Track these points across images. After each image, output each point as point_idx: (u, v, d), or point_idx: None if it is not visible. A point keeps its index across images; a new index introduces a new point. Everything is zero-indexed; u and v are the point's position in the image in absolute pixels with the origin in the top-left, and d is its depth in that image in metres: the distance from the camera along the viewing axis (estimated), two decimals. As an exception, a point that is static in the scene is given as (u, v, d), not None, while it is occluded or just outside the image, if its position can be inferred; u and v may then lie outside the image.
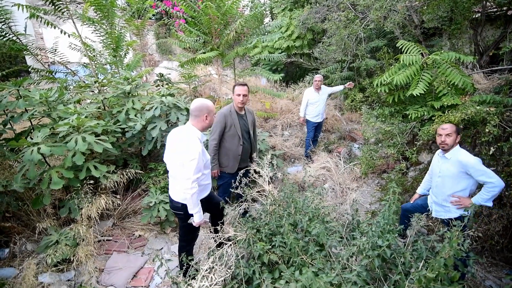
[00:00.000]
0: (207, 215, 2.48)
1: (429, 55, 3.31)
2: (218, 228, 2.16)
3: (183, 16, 4.35)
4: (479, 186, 2.25)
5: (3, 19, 3.46)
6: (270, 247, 2.09)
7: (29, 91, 2.82)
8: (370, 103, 4.42)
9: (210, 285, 1.30)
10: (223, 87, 6.44)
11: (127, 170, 2.93)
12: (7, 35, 3.56)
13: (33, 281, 2.13)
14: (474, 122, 2.99)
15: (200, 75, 5.93)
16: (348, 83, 4.73)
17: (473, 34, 4.33)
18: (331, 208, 2.47)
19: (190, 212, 2.00)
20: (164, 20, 6.61)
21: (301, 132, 5.43)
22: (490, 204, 2.14)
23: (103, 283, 2.39)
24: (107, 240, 2.82)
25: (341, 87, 4.79)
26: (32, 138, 2.39)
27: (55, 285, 2.24)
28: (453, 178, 2.23)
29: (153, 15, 8.60)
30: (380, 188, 3.82)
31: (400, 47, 3.49)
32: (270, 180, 2.50)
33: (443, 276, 1.62)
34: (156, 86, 4.32)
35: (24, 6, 3.55)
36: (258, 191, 2.52)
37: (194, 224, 2.04)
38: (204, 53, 4.60)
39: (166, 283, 2.43)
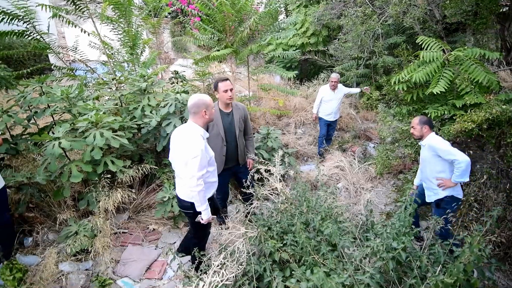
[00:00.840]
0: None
1: (451, 51, 3.16)
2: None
3: (198, 13, 4.39)
4: None
5: (28, 19, 3.62)
6: (281, 245, 2.08)
7: (52, 88, 2.94)
8: (387, 102, 4.29)
9: (222, 281, 1.32)
10: (236, 85, 6.46)
11: (142, 165, 3.00)
12: (32, 34, 3.72)
13: (54, 269, 2.23)
14: (499, 122, 2.84)
15: (214, 73, 5.96)
16: (365, 87, 4.62)
17: (499, 29, 4.10)
18: (344, 208, 2.42)
19: (197, 209, 2.01)
20: (179, 18, 6.68)
21: (314, 130, 5.36)
22: (465, 179, 2.34)
23: (118, 274, 2.47)
24: (122, 232, 2.91)
25: (357, 90, 4.71)
26: (53, 133, 2.50)
27: (74, 273, 2.33)
28: (429, 162, 2.48)
29: (169, 13, 8.72)
30: (396, 189, 3.72)
31: (420, 44, 3.36)
32: (282, 178, 2.48)
33: (462, 282, 1.56)
34: (171, 84, 4.39)
35: (48, 6, 3.70)
36: (270, 189, 2.52)
37: (202, 222, 2.05)
38: (218, 50, 4.62)
39: (178, 276, 2.48)
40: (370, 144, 5.02)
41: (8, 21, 3.46)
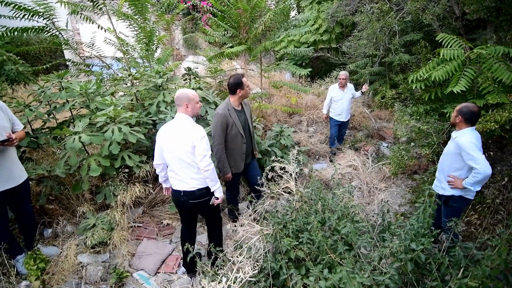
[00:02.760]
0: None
1: (472, 49, 3.06)
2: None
3: (212, 10, 4.38)
4: None
5: (48, 16, 3.69)
6: (297, 243, 2.08)
7: (71, 83, 3.00)
8: (402, 100, 4.20)
9: (245, 277, 1.32)
10: (248, 82, 6.44)
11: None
12: (51, 30, 3.80)
13: (73, 260, 2.29)
14: (523, 123, 2.74)
15: (226, 70, 5.96)
16: (364, 86, 4.50)
17: (524, 26, 3.93)
18: (360, 208, 2.39)
19: (213, 189, 2.10)
20: (193, 14, 6.70)
21: (326, 128, 5.30)
22: (477, 188, 2.24)
23: (134, 267, 2.51)
24: (137, 226, 2.96)
25: (359, 94, 4.52)
26: (73, 127, 2.55)
27: (92, 265, 2.39)
28: (450, 157, 2.35)
29: (181, 10, 8.76)
30: (410, 189, 3.65)
31: (439, 41, 3.27)
32: (295, 177, 2.47)
33: (487, 286, 1.52)
34: (184, 80, 4.41)
35: (66, 3, 3.77)
36: (284, 187, 2.51)
37: (217, 202, 2.12)
38: (231, 47, 4.61)
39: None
40: (383, 143, 4.94)
41: (29, 17, 3.54)
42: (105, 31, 4.06)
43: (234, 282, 1.23)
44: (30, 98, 3.19)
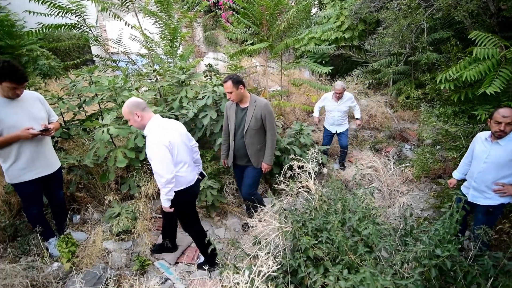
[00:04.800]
0: None
1: (508, 47, 2.88)
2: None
3: (234, 6, 4.40)
4: None
5: (79, 13, 3.87)
6: (316, 242, 2.07)
7: (100, 78, 3.14)
8: (429, 101, 4.03)
9: (268, 272, 1.34)
10: (266, 79, 6.44)
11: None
12: (82, 27, 3.98)
13: (100, 246, 2.41)
14: None
15: (245, 67, 5.99)
16: (357, 121, 4.20)
17: None
18: (382, 210, 2.34)
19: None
20: (215, 11, 6.76)
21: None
22: None
23: (155, 256, 2.61)
24: (159, 217, 3.06)
25: (359, 114, 4.16)
26: (102, 120, 2.67)
27: (117, 251, 2.51)
28: (501, 165, 2.17)
29: (204, 7, 8.87)
30: (435, 194, 3.51)
31: (471, 39, 3.10)
32: (315, 176, 2.45)
33: (519, 298, 1.45)
34: (205, 77, 4.48)
35: (97, 1, 3.94)
36: (303, 186, 2.50)
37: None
38: (252, 44, 4.62)
39: (210, 263, 2.56)
40: (406, 145, 4.77)
41: (63, 14, 3.73)
42: (131, 28, 4.20)
43: (257, 276, 1.25)
44: (61, 92, 3.37)
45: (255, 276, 1.26)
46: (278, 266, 1.60)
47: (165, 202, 2.07)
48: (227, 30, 4.61)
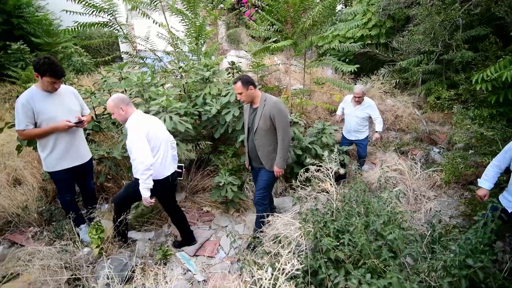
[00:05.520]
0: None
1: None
2: None
3: (259, 3, 4.39)
4: None
5: (111, 12, 4.04)
6: (337, 244, 2.03)
7: (129, 74, 3.27)
8: (462, 102, 3.79)
9: (291, 270, 1.33)
10: (288, 77, 6.37)
11: (200, 150, 3.19)
12: (113, 25, 4.16)
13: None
14: None
15: (267, 65, 5.97)
16: (375, 135, 3.79)
17: None
18: (408, 215, 2.25)
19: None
20: (240, 9, 6.79)
21: (370, 129, 5.04)
22: None
23: (177, 248, 2.69)
24: (180, 210, 3.15)
25: (380, 126, 3.75)
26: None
27: (141, 241, 2.62)
28: None
29: (229, 4, 8.95)
30: (465, 201, 3.31)
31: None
32: (333, 177, 2.39)
33: None
34: (228, 74, 4.52)
35: (127, 0, 4.09)
36: (324, 187, 2.46)
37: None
38: (275, 41, 4.59)
39: (229, 258, 2.60)
40: (434, 148, 4.54)
41: (97, 13, 3.92)
42: (159, 25, 4.33)
43: (282, 274, 1.25)
44: (93, 86, 3.55)
45: (278, 273, 1.26)
46: (302, 266, 1.58)
47: (145, 192, 2.13)
48: (251, 28, 4.61)
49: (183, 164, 2.62)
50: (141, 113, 2.25)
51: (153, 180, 2.17)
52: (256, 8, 4.76)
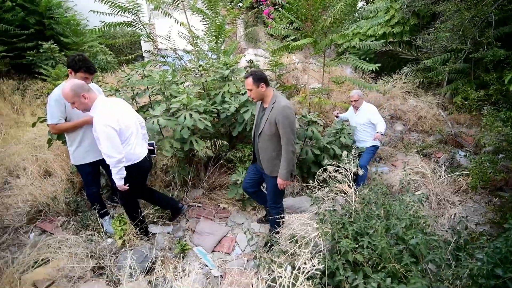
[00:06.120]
0: None
1: None
2: None
3: (279, 1, 4.36)
4: None
5: (135, 12, 4.18)
6: (356, 246, 1.99)
7: (152, 72, 3.36)
8: (493, 103, 3.58)
9: (311, 270, 1.33)
10: (306, 76, 6.30)
11: (217, 147, 3.23)
12: (137, 25, 4.30)
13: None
14: None
15: (285, 63, 5.93)
16: (377, 134, 3.45)
17: None
18: (432, 220, 2.16)
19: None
20: (257, 7, 6.79)
21: (390, 130, 4.89)
22: None
23: (194, 242, 2.75)
24: (197, 206, 3.21)
25: (383, 127, 3.47)
26: (152, 111, 2.87)
27: (160, 235, 2.70)
28: None
29: (249, 3, 8.98)
30: (494, 208, 3.14)
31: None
32: (351, 178, 2.34)
33: None
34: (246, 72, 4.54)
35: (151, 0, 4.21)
36: (342, 188, 2.42)
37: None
38: (294, 39, 4.55)
39: (246, 254, 2.62)
40: (460, 151, 4.33)
41: (122, 13, 4.06)
42: (180, 24, 4.42)
43: (301, 273, 1.25)
44: (117, 84, 3.69)
45: (298, 272, 1.26)
46: (322, 266, 1.57)
47: (118, 181, 2.14)
48: (269, 26, 4.60)
49: (153, 141, 2.63)
50: (105, 99, 2.13)
51: (130, 165, 2.18)
52: (276, 7, 4.74)
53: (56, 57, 5.92)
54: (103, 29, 4.21)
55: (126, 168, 2.18)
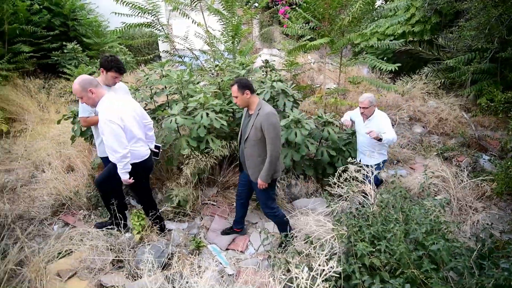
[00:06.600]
0: None
1: None
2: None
3: (297, 0, 4.33)
4: None
5: (155, 13, 4.28)
6: (373, 250, 1.95)
7: (170, 71, 3.43)
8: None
9: (329, 272, 1.32)
10: (321, 76, 6.23)
11: (233, 147, 3.25)
12: (156, 25, 4.41)
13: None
14: None
15: (300, 63, 5.88)
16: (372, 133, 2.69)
17: None
18: (454, 226, 2.09)
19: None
20: (275, 6, 6.77)
21: (409, 132, 4.75)
22: None
23: (209, 240, 2.79)
24: (212, 204, 3.25)
25: (392, 136, 2.77)
26: (169, 110, 2.93)
27: (176, 231, 2.75)
28: None
29: (258, 3, 9.00)
30: (521, 215, 2.98)
31: None
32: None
33: None
34: (262, 73, 4.55)
35: (170, 1, 4.30)
36: (359, 190, 2.37)
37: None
38: (311, 39, 4.51)
39: (259, 254, 2.63)
40: (484, 155, 4.14)
41: (142, 14, 4.18)
42: (197, 25, 4.48)
43: (319, 275, 1.24)
44: (139, 83, 3.79)
45: (316, 274, 1.25)
46: (340, 268, 1.55)
47: (123, 175, 2.17)
48: (284, 25, 4.58)
49: (160, 145, 2.66)
50: (112, 96, 2.16)
51: (135, 163, 2.22)
52: (293, 6, 4.71)
53: (79, 57, 6.16)
54: (123, 30, 4.34)
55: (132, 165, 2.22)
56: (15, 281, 2.01)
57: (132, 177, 2.25)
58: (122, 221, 2.49)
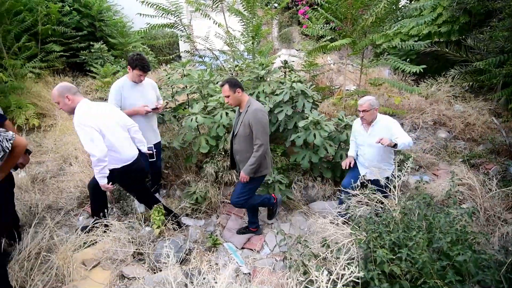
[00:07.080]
0: None
1: None
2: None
3: (319, 0, 4.28)
4: None
5: (177, 14, 4.39)
6: (393, 257, 1.90)
7: (191, 71, 3.51)
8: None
9: (350, 276, 1.30)
10: (341, 77, 6.12)
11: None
12: (178, 26, 4.52)
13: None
14: None
15: (320, 64, 5.81)
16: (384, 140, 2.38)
17: None
18: (481, 237, 1.98)
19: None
20: (293, 7, 6.73)
21: (433, 136, 4.56)
22: None
23: (225, 238, 2.82)
24: (228, 203, 3.28)
25: (406, 140, 2.38)
26: (190, 109, 3.00)
27: (193, 227, 2.81)
28: None
29: (278, 4, 8.98)
30: (556, 229, 2.78)
31: None
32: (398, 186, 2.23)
33: None
34: (281, 73, 4.53)
35: (192, 2, 4.39)
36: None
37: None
38: (332, 40, 4.44)
39: (274, 254, 2.63)
40: (515, 164, 3.89)
41: (165, 15, 4.30)
42: (218, 26, 4.55)
43: (339, 279, 1.23)
44: (161, 82, 3.90)
45: (336, 278, 1.23)
46: (362, 274, 1.51)
47: (101, 180, 2.16)
48: (304, 26, 4.53)
49: (152, 145, 2.67)
50: (87, 102, 2.16)
51: (125, 167, 2.25)
52: (315, 6, 4.66)
53: (105, 57, 6.44)
54: (147, 30, 4.49)
55: (117, 170, 2.25)
56: (44, 267, 2.13)
57: (125, 181, 2.35)
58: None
